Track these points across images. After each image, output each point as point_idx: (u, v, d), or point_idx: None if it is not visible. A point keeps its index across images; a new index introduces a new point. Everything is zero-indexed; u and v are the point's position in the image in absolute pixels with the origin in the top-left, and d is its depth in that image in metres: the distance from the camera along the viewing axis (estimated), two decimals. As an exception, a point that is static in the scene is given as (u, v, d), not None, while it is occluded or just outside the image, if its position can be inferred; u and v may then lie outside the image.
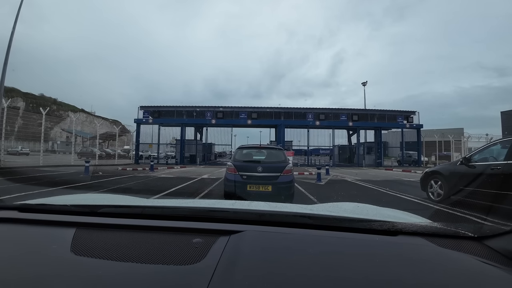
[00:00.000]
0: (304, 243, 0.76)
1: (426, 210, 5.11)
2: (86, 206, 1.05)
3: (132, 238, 0.78)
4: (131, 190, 7.18)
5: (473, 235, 0.80)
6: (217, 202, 1.45)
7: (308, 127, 22.81)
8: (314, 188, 7.97)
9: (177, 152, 23.20)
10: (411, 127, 24.16)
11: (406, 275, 0.62)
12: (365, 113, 24.00)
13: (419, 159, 24.10)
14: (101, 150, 30.73)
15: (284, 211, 1.04)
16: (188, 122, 23.33)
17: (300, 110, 23.46)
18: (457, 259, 0.70)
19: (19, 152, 26.43)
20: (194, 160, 22.37)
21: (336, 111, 23.66)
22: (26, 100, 58.78)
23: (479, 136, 28.74)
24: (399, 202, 5.97)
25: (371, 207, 1.30)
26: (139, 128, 23.27)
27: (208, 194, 6.53)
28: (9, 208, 0.99)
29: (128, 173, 12.26)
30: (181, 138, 22.83)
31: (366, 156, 23.96)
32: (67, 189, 6.83)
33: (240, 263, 0.63)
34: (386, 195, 7.00)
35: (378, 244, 0.76)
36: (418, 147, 24.23)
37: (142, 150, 25.64)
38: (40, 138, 15.64)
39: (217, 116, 22.59)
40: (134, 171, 13.74)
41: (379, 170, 18.13)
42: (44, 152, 15.09)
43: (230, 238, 0.75)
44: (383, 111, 24.20)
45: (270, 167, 5.15)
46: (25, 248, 0.75)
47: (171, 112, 23.21)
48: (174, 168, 16.59)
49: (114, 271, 0.64)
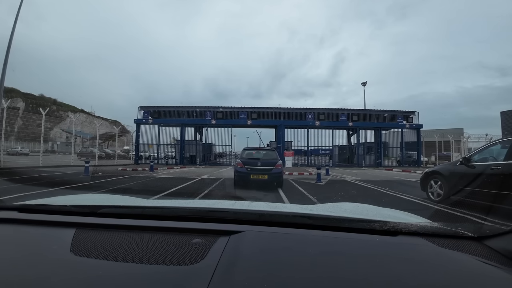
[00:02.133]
0: (304, 243, 0.76)
1: (426, 210, 5.11)
2: (86, 207, 1.05)
3: (132, 239, 0.78)
4: (131, 191, 7.18)
5: (473, 235, 0.80)
6: (217, 202, 1.48)
7: (308, 127, 22.80)
8: (314, 189, 7.97)
9: (177, 152, 23.17)
10: (410, 127, 24.15)
11: (406, 275, 0.62)
12: (365, 113, 24.00)
13: (419, 159, 24.09)
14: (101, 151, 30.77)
15: (284, 211, 1.04)
16: (188, 122, 23.32)
17: (300, 111, 23.46)
18: (457, 259, 0.70)
19: (18, 153, 26.41)
20: (194, 161, 22.36)
21: (336, 111, 23.67)
22: (26, 101, 58.79)
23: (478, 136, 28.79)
24: (399, 202, 5.98)
25: (371, 207, 1.30)
26: (139, 128, 23.25)
27: (208, 195, 6.52)
28: (9, 208, 0.99)
29: (128, 174, 12.25)
30: (181, 138, 22.82)
31: (366, 156, 23.96)
32: (67, 190, 6.83)
33: (240, 264, 0.63)
34: (386, 195, 7.00)
35: (378, 244, 0.76)
36: (418, 147, 24.22)
37: (142, 150, 25.67)
38: (40, 138, 15.63)
39: (217, 116, 22.58)
40: (134, 171, 13.75)
41: (379, 170, 18.13)
42: (44, 153, 15.10)
43: (230, 238, 0.75)
44: (383, 111, 24.21)
45: (266, 162, 7.58)
46: (25, 248, 0.76)
47: (171, 113, 23.20)
48: (174, 169, 16.60)
49: (114, 271, 0.64)
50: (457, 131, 28.60)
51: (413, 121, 24.28)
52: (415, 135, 24.52)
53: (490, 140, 27.81)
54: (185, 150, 22.73)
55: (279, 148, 21.89)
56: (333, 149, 24.73)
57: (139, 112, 23.31)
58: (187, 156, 22.94)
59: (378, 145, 23.95)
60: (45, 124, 15.29)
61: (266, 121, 23.31)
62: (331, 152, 25.20)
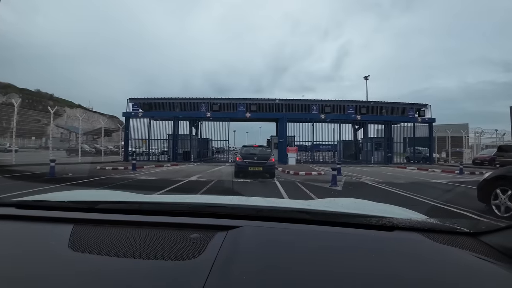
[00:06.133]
0: (301, 238, 0.76)
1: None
2: (83, 202, 1.05)
3: (130, 234, 0.78)
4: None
5: (469, 231, 0.80)
6: (215, 197, 1.56)
7: (312, 121, 20.72)
8: (331, 197, 6.13)
9: (170, 148, 21.21)
10: (423, 121, 22.29)
11: (402, 270, 0.62)
12: (374, 106, 22.01)
13: (431, 156, 22.27)
14: (91, 147, 29.19)
15: (282, 207, 1.07)
16: (181, 115, 21.18)
17: (303, 102, 21.44)
18: (453, 255, 0.70)
19: (7, 149, 24.71)
20: (188, 157, 20.43)
21: (343, 103, 21.59)
22: (22, 96, 57.96)
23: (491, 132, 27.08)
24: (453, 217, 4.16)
25: (367, 202, 1.37)
26: (129, 122, 21.33)
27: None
28: (6, 204, 0.99)
29: (104, 174, 10.40)
30: (173, 132, 20.81)
31: (374, 153, 22.12)
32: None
33: (237, 258, 0.63)
34: (431, 207, 5.19)
35: (374, 239, 0.76)
36: (430, 143, 22.33)
37: (135, 146, 23.80)
38: (31, 135, 14.09)
39: (212, 108, 20.53)
40: (114, 170, 11.86)
41: (391, 169, 16.35)
42: (37, 149, 13.62)
43: (227, 233, 0.75)
44: (393, 103, 22.30)
45: (261, 157, 9.44)
46: (23, 244, 0.76)
47: (163, 105, 21.17)
48: (163, 167, 14.70)
49: (112, 267, 0.64)
50: (462, 126, 27.01)
51: (425, 114, 22.47)
52: (422, 129, 22.62)
53: (503, 136, 26.51)
54: (178, 146, 20.76)
55: (281, 143, 19.96)
56: (339, 144, 22.77)
57: (128, 104, 21.36)
58: (180, 152, 20.99)
59: (388, 140, 22.07)
60: (41, 119, 13.59)
61: (267, 114, 21.20)
62: (334, 147, 23.33)
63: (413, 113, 22.43)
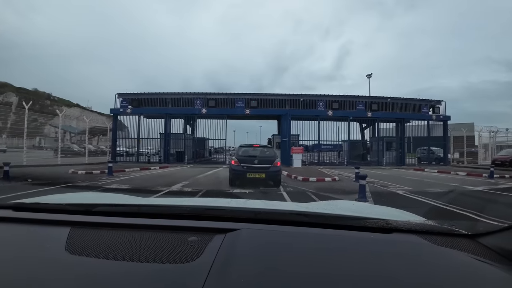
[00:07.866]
0: (299, 241, 0.75)
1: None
2: (81, 205, 1.03)
3: (127, 237, 0.77)
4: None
5: (467, 232, 0.80)
6: (213, 200, 1.51)
7: (318, 118, 18.73)
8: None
9: (162, 148, 19.31)
10: (437, 118, 20.44)
11: (401, 272, 0.62)
12: (384, 102, 20.12)
13: (446, 156, 20.42)
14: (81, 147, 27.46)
15: (280, 209, 1.07)
16: (173, 112, 19.23)
17: (309, 98, 19.49)
18: (451, 257, 0.69)
19: (-3, 150, 23.02)
20: (182, 158, 18.56)
21: (352, 99, 19.68)
22: (19, 95, 56.73)
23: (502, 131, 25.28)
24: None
25: (365, 205, 1.47)
26: (117, 119, 19.50)
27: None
28: (3, 207, 0.98)
29: (73, 180, 8.58)
30: (165, 131, 18.90)
31: (385, 153, 20.26)
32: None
33: (235, 261, 0.63)
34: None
35: (372, 242, 0.75)
36: (444, 142, 20.51)
37: (128, 146, 21.96)
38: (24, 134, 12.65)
39: (208, 104, 18.64)
40: (86, 175, 10.02)
41: (409, 171, 14.55)
42: (30, 149, 12.06)
43: (226, 236, 0.74)
44: (407, 99, 20.45)
45: (264, 160, 7.30)
46: (20, 247, 0.75)
47: (154, 100, 19.28)
48: (149, 170, 12.84)
49: (109, 270, 0.63)
50: (468, 125, 25.40)
51: (440, 111, 20.61)
52: (433, 128, 20.74)
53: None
54: (170, 145, 18.90)
55: (284, 143, 18.05)
56: (347, 143, 20.79)
57: (117, 100, 19.51)
58: (173, 152, 19.12)
59: (401, 139, 20.21)
60: (38, 119, 12.02)
61: (268, 110, 19.22)
62: (337, 147, 21.44)
63: (427, 110, 20.64)
